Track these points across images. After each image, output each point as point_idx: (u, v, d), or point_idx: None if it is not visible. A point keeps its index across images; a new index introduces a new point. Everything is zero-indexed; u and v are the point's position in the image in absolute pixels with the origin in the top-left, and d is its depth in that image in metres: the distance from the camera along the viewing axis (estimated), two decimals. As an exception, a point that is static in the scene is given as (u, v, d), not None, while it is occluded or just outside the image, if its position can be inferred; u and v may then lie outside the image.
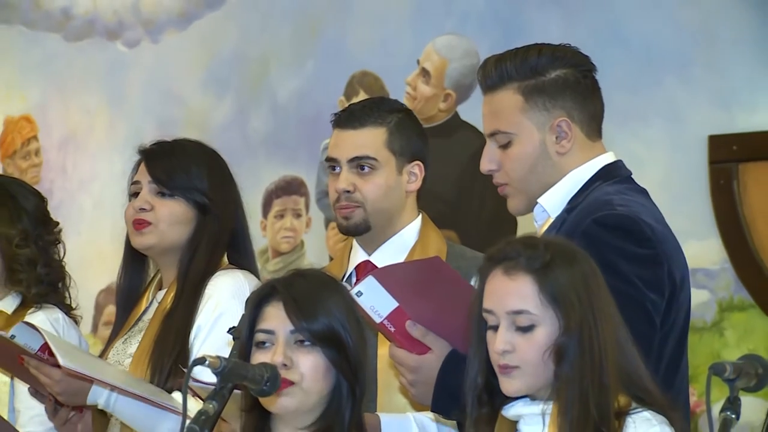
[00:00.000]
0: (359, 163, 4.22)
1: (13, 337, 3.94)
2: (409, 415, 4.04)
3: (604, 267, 3.39)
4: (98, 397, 4.03)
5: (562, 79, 3.84)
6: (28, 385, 4.15)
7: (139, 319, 4.37)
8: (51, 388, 3.99)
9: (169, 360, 4.06)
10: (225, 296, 4.09)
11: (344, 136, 4.26)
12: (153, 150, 4.36)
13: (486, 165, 3.88)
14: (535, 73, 3.82)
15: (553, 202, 3.85)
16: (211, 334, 4.08)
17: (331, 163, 4.28)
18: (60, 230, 4.57)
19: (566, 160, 3.84)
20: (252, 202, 4.51)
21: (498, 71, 3.85)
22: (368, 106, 4.35)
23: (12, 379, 4.35)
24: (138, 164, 4.36)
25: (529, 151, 3.82)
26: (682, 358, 3.81)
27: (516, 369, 3.17)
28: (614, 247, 3.63)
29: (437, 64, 7.63)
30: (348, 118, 4.28)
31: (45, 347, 3.94)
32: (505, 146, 3.84)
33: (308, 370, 3.35)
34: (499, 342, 3.17)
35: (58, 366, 3.91)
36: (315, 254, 7.78)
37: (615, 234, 3.65)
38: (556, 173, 3.84)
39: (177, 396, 3.84)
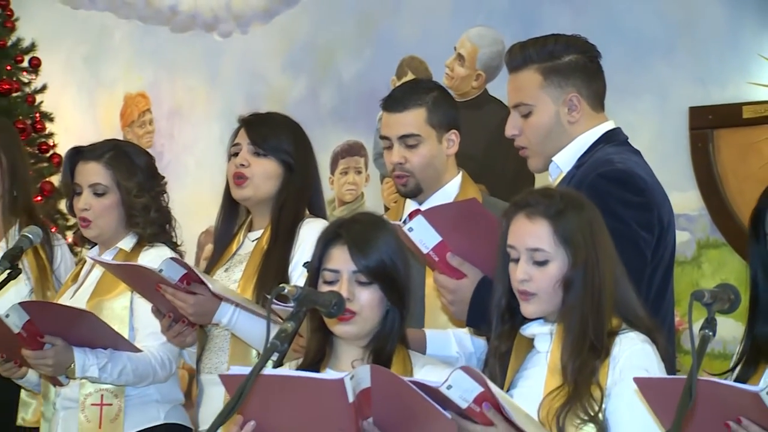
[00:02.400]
0: (407, 140, 4.20)
1: (161, 271, 3.93)
2: (449, 330, 4.03)
3: (606, 212, 3.41)
4: (222, 317, 4.04)
5: (573, 62, 3.84)
6: (151, 305, 4.13)
7: (234, 253, 4.36)
8: (184, 310, 3.99)
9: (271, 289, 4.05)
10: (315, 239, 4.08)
11: (392, 118, 4.24)
12: (251, 119, 4.35)
13: (510, 131, 3.89)
14: (552, 57, 3.83)
15: (565, 159, 3.85)
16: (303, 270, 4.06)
17: (385, 141, 4.28)
18: (166, 182, 4.56)
19: (575, 128, 3.84)
20: (321, 162, 4.50)
21: (522, 55, 3.85)
22: (408, 91, 4.32)
23: (131, 303, 4.34)
24: (237, 130, 4.35)
25: (545, 120, 3.83)
26: (668, 287, 3.80)
27: (534, 296, 3.16)
28: (614, 195, 3.63)
29: (470, 50, 7.62)
30: (393, 104, 4.26)
31: (184, 278, 3.95)
32: (526, 116, 3.84)
33: (366, 302, 3.33)
34: (519, 272, 3.17)
35: (192, 293, 3.95)
36: (372, 203, 7.78)
37: (615, 185, 3.66)
38: (566, 138, 3.85)
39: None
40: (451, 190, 4.25)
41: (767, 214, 3.11)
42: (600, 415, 3.06)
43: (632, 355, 3.11)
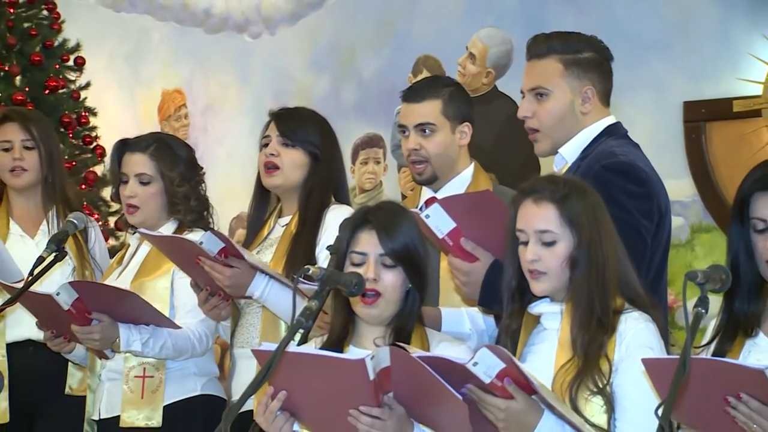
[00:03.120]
0: (422, 128, 4.18)
1: (201, 243, 3.95)
2: (462, 309, 4.02)
3: (610, 201, 3.43)
4: (255, 290, 4.04)
5: (592, 59, 3.86)
6: (189, 281, 4.15)
7: (266, 237, 4.36)
8: (221, 282, 3.99)
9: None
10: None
11: (410, 108, 4.23)
12: (280, 113, 4.36)
13: (523, 112, 3.89)
14: (574, 51, 3.85)
15: (570, 151, 3.86)
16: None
17: (402, 129, 4.26)
18: (204, 173, 4.57)
19: (585, 118, 3.85)
20: (343, 152, 4.50)
21: (546, 45, 3.86)
22: (426, 84, 4.33)
23: (172, 284, 4.36)
24: (268, 123, 4.35)
25: (560, 106, 3.84)
26: (665, 269, 3.81)
27: (543, 274, 3.16)
28: (618, 186, 3.64)
29: (481, 49, 7.62)
30: (412, 95, 4.25)
31: (221, 252, 3.96)
32: (542, 100, 3.84)
33: (390, 283, 3.32)
34: (529, 253, 3.17)
35: (229, 266, 3.96)
36: (390, 191, 7.79)
37: (618, 176, 3.67)
38: (576, 126, 3.85)
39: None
40: (464, 178, 4.24)
41: (751, 200, 3.09)
42: (608, 388, 3.06)
43: (637, 333, 3.11)
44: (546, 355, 3.16)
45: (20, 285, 4.26)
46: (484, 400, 2.95)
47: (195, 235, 4.25)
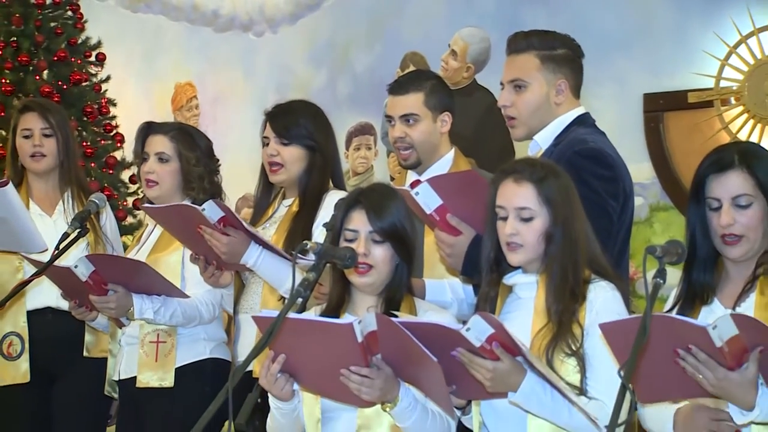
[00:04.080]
0: (407, 118, 4.17)
1: (203, 210, 3.94)
2: (444, 280, 4.01)
3: (582, 183, 3.45)
4: (249, 258, 4.02)
5: (566, 55, 3.87)
6: (190, 254, 4.14)
7: (270, 216, 4.35)
8: (218, 249, 3.98)
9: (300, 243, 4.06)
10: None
11: (395, 100, 4.21)
12: (274, 112, 4.32)
13: (503, 101, 3.89)
14: (550, 47, 3.85)
15: (544, 137, 3.86)
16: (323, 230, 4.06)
17: (388, 119, 4.25)
18: (220, 164, 4.55)
19: (558, 108, 3.85)
20: (338, 139, 4.48)
21: (525, 41, 3.86)
22: (410, 78, 4.30)
23: (183, 258, 4.33)
24: (264, 124, 4.32)
25: (536, 97, 3.84)
26: (628, 244, 3.82)
27: (521, 247, 3.15)
28: (588, 170, 3.65)
29: (462, 47, 7.62)
30: (397, 88, 4.23)
31: (221, 221, 3.94)
32: (520, 91, 3.84)
33: (380, 257, 3.31)
34: (509, 227, 3.16)
35: (226, 234, 3.95)
36: (380, 174, 7.80)
37: (589, 161, 3.67)
38: (549, 116, 3.85)
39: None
40: (445, 162, 4.22)
41: (706, 182, 3.09)
42: (580, 351, 3.06)
43: (606, 301, 3.11)
44: (520, 322, 3.15)
45: (44, 256, 4.26)
46: (474, 362, 2.94)
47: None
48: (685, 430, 2.98)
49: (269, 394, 3.19)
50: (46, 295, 4.52)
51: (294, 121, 4.27)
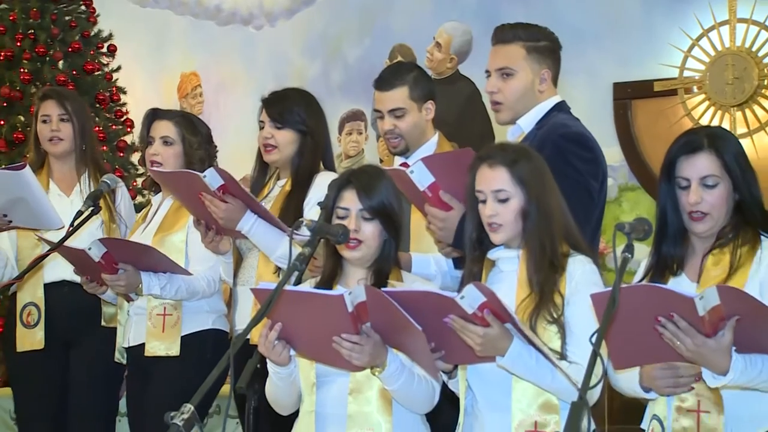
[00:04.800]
0: (394, 112, 4.14)
1: (205, 176, 3.93)
2: (429, 255, 3.99)
3: (566, 164, 3.50)
4: (244, 225, 4.00)
5: (548, 47, 3.86)
6: (195, 223, 4.14)
7: (266, 195, 4.33)
8: (216, 214, 3.97)
9: (292, 220, 4.05)
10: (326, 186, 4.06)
11: (382, 96, 4.17)
12: (269, 99, 4.30)
13: (491, 87, 3.87)
14: (535, 39, 3.83)
15: (527, 122, 3.84)
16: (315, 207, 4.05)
17: (377, 114, 4.22)
18: (218, 151, 4.55)
19: (541, 96, 3.84)
20: (332, 125, 4.47)
21: (512, 32, 3.85)
22: (392, 73, 4.24)
23: (187, 237, 4.34)
24: (261, 109, 4.30)
25: (522, 84, 3.82)
26: (601, 221, 3.81)
27: (500, 227, 3.14)
28: (572, 152, 3.64)
29: (446, 39, 7.62)
30: (382, 84, 4.19)
31: (221, 188, 3.94)
32: (507, 78, 3.82)
33: (369, 233, 3.29)
34: (488, 210, 3.14)
35: (225, 201, 3.94)
36: (370, 157, 7.82)
37: (573, 144, 3.67)
38: (532, 102, 3.83)
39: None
40: (430, 146, 4.19)
41: (676, 162, 3.09)
42: (561, 318, 3.05)
43: (585, 273, 3.10)
44: (503, 293, 3.11)
45: (61, 233, 4.27)
46: (466, 328, 2.93)
47: None
48: (649, 380, 2.98)
49: (268, 361, 3.18)
50: (62, 268, 4.50)
51: (288, 107, 4.25)
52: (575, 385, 2.93)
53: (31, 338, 4.62)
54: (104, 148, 7.12)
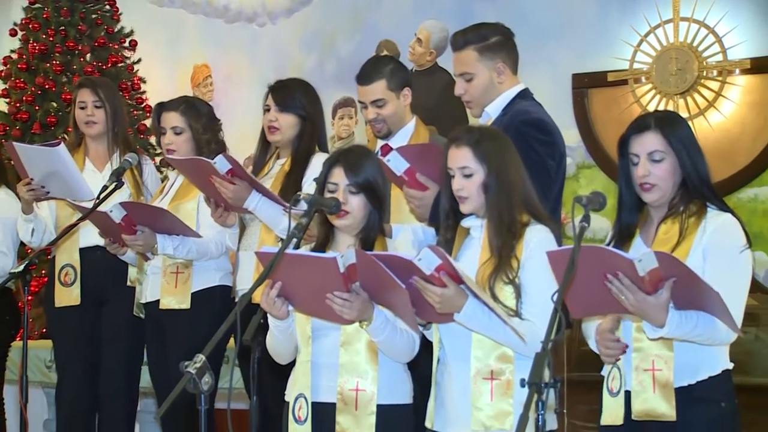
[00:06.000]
0: (376, 103, 4.08)
1: (215, 162, 3.93)
2: (408, 225, 3.97)
3: (527, 146, 3.46)
4: (251, 203, 3.98)
5: (499, 41, 3.79)
6: (204, 198, 4.13)
7: (267, 173, 4.31)
8: (225, 195, 3.96)
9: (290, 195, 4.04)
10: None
11: (363, 89, 4.11)
12: (275, 86, 4.28)
13: (458, 91, 3.83)
14: (484, 38, 3.77)
15: (493, 109, 3.80)
16: (312, 183, 4.03)
17: (362, 104, 4.16)
18: (221, 124, 4.51)
19: (502, 86, 3.79)
20: (325, 110, 4.44)
21: (463, 39, 3.79)
22: (371, 67, 4.15)
23: (198, 205, 4.32)
24: (267, 95, 4.28)
25: (482, 82, 3.78)
26: (561, 195, 3.79)
27: (467, 198, 3.12)
28: (532, 135, 3.61)
29: (425, 36, 7.60)
30: (362, 79, 4.11)
31: (229, 172, 3.92)
32: (468, 81, 3.79)
33: (355, 205, 3.26)
34: (456, 184, 3.13)
35: (232, 183, 3.93)
36: (360, 138, 7.78)
37: (532, 128, 3.64)
38: (496, 93, 3.79)
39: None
40: (408, 129, 4.15)
41: (630, 141, 3.08)
42: (517, 280, 3.04)
43: (540, 241, 3.07)
44: (472, 257, 3.13)
45: (89, 205, 4.26)
46: (426, 288, 2.94)
47: None
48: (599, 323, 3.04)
49: (269, 315, 3.17)
50: (95, 235, 4.49)
51: (290, 94, 4.22)
52: (522, 338, 2.95)
53: (68, 295, 4.62)
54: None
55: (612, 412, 3.02)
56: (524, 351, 2.97)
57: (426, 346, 3.25)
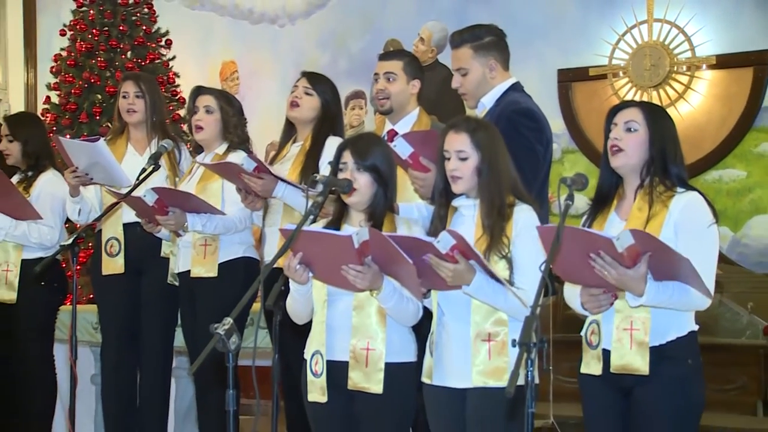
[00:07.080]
0: (387, 76, 4.06)
1: (242, 165, 3.92)
2: (412, 203, 3.95)
3: (518, 134, 3.45)
4: (277, 192, 3.98)
5: (492, 41, 3.76)
6: (235, 186, 4.11)
7: (285, 155, 4.27)
8: (254, 188, 3.95)
9: (310, 171, 4.02)
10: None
11: (382, 63, 4.10)
12: (308, 72, 4.28)
13: (455, 84, 3.81)
14: (478, 38, 3.75)
15: (488, 100, 3.78)
16: (327, 166, 4.01)
17: (375, 75, 4.12)
18: (247, 122, 4.48)
19: (494, 81, 3.77)
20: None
21: (459, 38, 3.77)
22: (395, 50, 4.26)
23: (222, 185, 4.29)
24: (299, 78, 4.26)
25: (476, 78, 3.75)
26: (548, 178, 3.76)
27: (460, 179, 3.12)
28: (522, 123, 3.59)
29: (427, 35, 7.60)
30: (384, 56, 4.16)
31: (255, 169, 3.91)
32: (464, 75, 3.76)
33: (363, 183, 3.24)
34: (451, 165, 3.12)
35: (260, 178, 3.92)
36: (369, 126, 7.79)
37: (522, 117, 3.62)
38: (489, 87, 3.77)
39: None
40: (412, 117, 4.12)
41: (613, 116, 3.06)
42: (508, 255, 3.04)
43: (526, 219, 3.07)
44: (463, 232, 3.10)
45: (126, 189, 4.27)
46: (440, 264, 2.96)
47: (237, 156, 4.22)
48: (583, 304, 3.01)
49: (290, 282, 3.16)
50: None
51: (320, 82, 4.22)
52: (525, 304, 2.95)
53: (113, 264, 4.62)
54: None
55: (590, 362, 3.02)
56: (521, 315, 2.97)
57: (427, 313, 3.25)
